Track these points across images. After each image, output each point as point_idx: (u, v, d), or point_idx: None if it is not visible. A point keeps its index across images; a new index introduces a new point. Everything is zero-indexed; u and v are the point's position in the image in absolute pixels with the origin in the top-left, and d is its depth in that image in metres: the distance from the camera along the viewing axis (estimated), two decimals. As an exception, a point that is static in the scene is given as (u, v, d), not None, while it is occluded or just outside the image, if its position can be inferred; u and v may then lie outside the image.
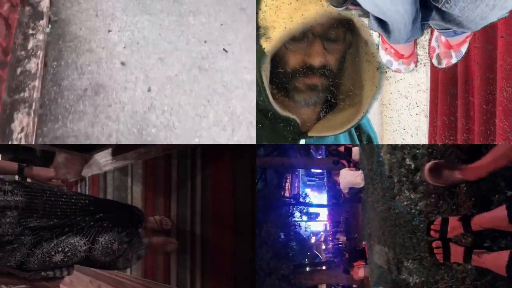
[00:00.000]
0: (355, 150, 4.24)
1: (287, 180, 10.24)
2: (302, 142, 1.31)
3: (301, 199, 8.60)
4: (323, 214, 10.04)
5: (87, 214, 1.60)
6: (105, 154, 3.17)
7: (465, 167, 1.34)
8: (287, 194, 9.70)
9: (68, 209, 1.52)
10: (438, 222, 1.50)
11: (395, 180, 2.04)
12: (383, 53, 1.19)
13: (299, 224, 8.40)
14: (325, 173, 10.01)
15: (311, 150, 8.22)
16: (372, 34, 1.15)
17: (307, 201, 8.71)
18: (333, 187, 8.02)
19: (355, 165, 4.29)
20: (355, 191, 4.12)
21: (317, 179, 11.91)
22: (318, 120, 1.34)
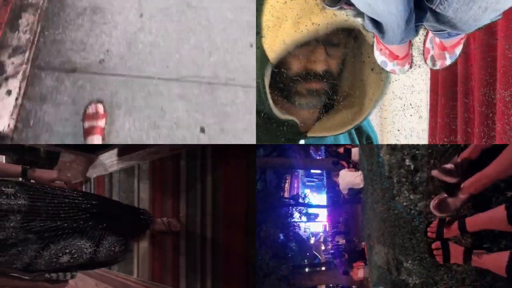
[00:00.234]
0: (355, 151, 4.23)
1: (287, 180, 10.24)
2: (301, 142, 1.32)
3: (300, 200, 8.61)
4: (323, 215, 10.04)
5: (91, 217, 1.58)
6: (110, 154, 3.11)
7: (467, 184, 1.32)
8: (287, 194, 9.71)
9: (71, 210, 1.50)
10: (435, 223, 1.50)
11: (395, 180, 2.03)
12: (378, 53, 1.19)
13: (299, 224, 8.40)
14: (324, 173, 10.02)
15: (311, 151, 8.22)
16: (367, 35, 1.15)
17: (307, 201, 8.71)
18: (332, 188, 8.02)
19: (355, 166, 4.28)
20: (355, 192, 4.12)
21: (316, 180, 11.91)
22: (317, 120, 1.34)
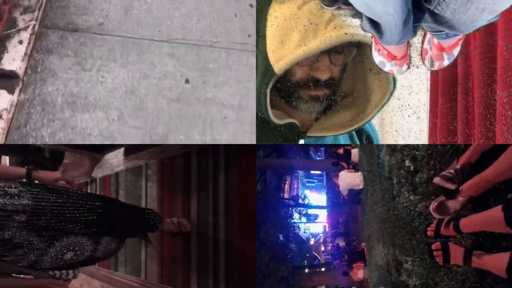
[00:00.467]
0: (355, 152, 4.23)
1: (287, 181, 10.23)
2: (301, 142, 1.32)
3: (300, 201, 8.60)
4: (322, 216, 10.02)
5: (96, 218, 1.59)
6: (116, 154, 3.05)
7: (466, 186, 1.32)
8: (286, 195, 9.70)
9: (76, 210, 1.52)
10: (433, 224, 1.50)
11: (395, 181, 2.03)
12: (376, 54, 1.19)
13: (298, 225, 8.39)
14: (324, 174, 10.01)
15: (311, 152, 8.22)
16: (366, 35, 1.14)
17: (306, 202, 8.70)
18: (332, 189, 8.01)
19: (354, 167, 4.28)
20: (355, 193, 4.12)
21: (316, 181, 11.90)
22: (317, 120, 1.34)
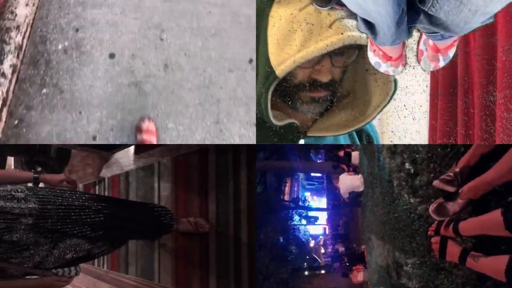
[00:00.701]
0: (355, 155, 4.23)
1: (287, 183, 10.22)
2: (301, 142, 1.32)
3: (300, 203, 8.60)
4: (322, 218, 10.01)
5: (103, 220, 1.61)
6: (126, 152, 2.95)
7: (465, 189, 1.31)
8: (287, 197, 9.69)
9: (82, 212, 1.55)
10: (434, 224, 1.49)
11: (395, 184, 2.03)
12: (372, 54, 1.19)
13: (298, 227, 8.38)
14: (324, 177, 10.00)
15: (311, 154, 8.21)
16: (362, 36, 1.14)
17: (307, 204, 8.70)
18: (332, 191, 8.00)
19: (355, 169, 4.28)
20: (355, 195, 4.11)
21: (316, 183, 11.89)
22: (317, 120, 1.34)
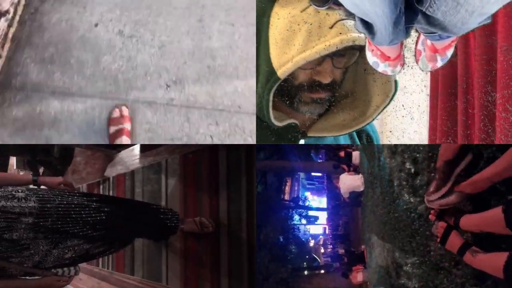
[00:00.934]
0: (355, 155, 4.23)
1: (287, 183, 10.23)
2: (301, 142, 1.32)
3: (300, 203, 8.61)
4: (323, 218, 10.01)
5: (104, 219, 1.61)
6: (132, 150, 2.88)
7: (463, 184, 1.31)
8: (287, 197, 9.69)
9: (82, 211, 1.56)
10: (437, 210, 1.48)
11: (395, 183, 2.03)
12: (370, 54, 1.18)
13: (298, 227, 8.39)
14: (325, 176, 10.00)
15: (311, 154, 8.21)
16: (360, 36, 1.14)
17: (307, 204, 8.70)
18: (332, 191, 8.01)
19: (355, 169, 4.28)
20: (355, 195, 4.12)
21: (317, 183, 11.89)
22: (317, 120, 1.34)
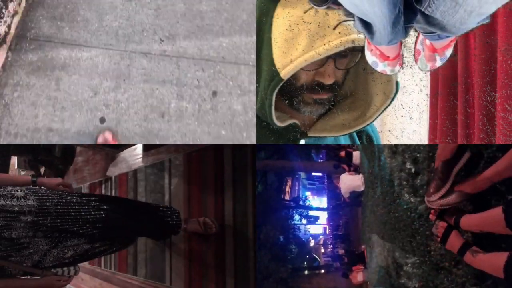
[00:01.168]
0: (356, 155, 4.23)
1: (288, 183, 10.23)
2: (302, 142, 1.32)
3: (301, 202, 8.62)
4: (323, 218, 10.02)
5: (104, 217, 1.62)
6: (134, 149, 2.88)
7: (464, 183, 1.32)
8: (287, 197, 9.70)
9: (81, 209, 1.56)
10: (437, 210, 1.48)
11: (395, 183, 2.03)
12: (369, 54, 1.18)
13: (299, 227, 8.39)
14: (325, 176, 10.01)
15: (312, 154, 8.22)
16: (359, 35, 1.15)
17: (307, 204, 8.71)
18: (333, 191, 8.02)
19: (356, 169, 4.28)
20: (355, 195, 4.12)
21: (317, 183, 11.90)
22: (318, 120, 1.34)
